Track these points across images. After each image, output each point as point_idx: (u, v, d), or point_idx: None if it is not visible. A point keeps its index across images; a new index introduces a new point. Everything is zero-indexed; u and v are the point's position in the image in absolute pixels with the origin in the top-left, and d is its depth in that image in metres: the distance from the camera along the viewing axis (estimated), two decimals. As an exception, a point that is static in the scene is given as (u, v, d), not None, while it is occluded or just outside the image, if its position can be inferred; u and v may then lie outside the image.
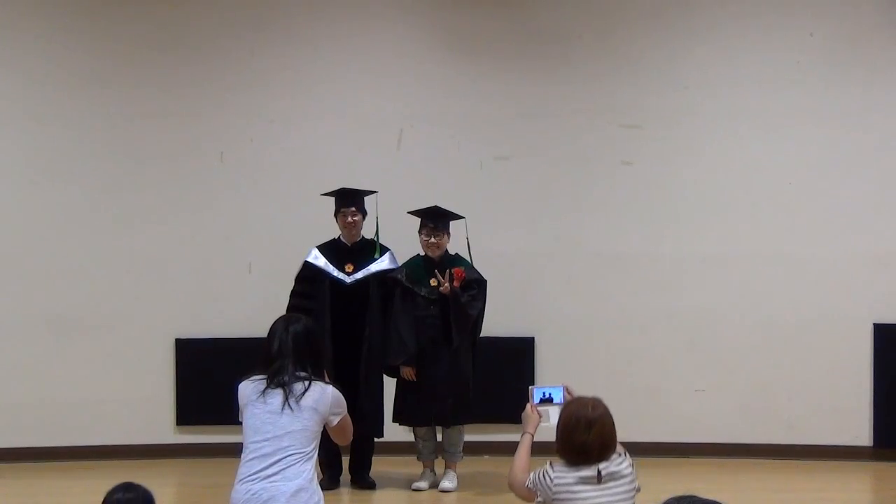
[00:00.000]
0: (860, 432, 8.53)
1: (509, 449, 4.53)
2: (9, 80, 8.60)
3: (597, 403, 4.12)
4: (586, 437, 4.02)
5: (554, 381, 8.04)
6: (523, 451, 4.40)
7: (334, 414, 4.50)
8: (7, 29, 8.61)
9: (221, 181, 8.69)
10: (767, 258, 8.61)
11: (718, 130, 8.68)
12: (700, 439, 8.59)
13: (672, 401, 8.63)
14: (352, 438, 4.80)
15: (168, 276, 8.66)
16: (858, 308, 8.52)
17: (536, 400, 4.64)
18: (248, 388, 4.48)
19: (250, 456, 4.38)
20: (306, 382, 4.44)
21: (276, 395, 4.41)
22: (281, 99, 8.74)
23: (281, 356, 4.48)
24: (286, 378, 4.43)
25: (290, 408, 4.38)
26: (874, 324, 8.52)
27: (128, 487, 3.63)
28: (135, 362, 8.56)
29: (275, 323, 4.64)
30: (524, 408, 4.59)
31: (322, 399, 4.45)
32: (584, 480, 4.01)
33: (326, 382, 4.54)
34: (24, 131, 8.59)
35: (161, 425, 8.61)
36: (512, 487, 4.35)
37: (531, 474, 4.17)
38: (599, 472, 4.01)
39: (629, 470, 4.08)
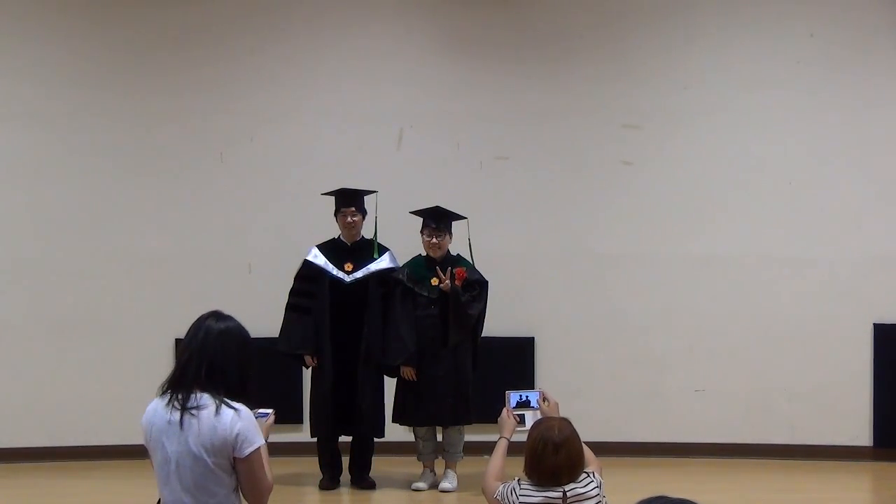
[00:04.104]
0: (860, 432, 8.54)
1: (509, 449, 4.52)
2: (7, 80, 8.59)
3: (563, 425, 4.11)
4: (555, 460, 4.02)
5: (554, 381, 8.18)
6: (498, 456, 4.41)
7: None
8: (7, 30, 8.60)
9: (221, 181, 8.69)
10: (767, 258, 8.61)
11: (718, 130, 8.68)
12: (700, 439, 8.59)
13: (672, 401, 8.63)
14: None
15: (168, 276, 8.65)
16: (858, 308, 8.52)
17: (513, 404, 4.63)
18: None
19: None
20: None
21: None
22: (281, 99, 8.74)
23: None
24: None
25: None
26: (874, 324, 8.52)
27: (220, 317, 3.71)
28: (135, 362, 8.53)
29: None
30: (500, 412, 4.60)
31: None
32: (549, 501, 4.02)
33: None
34: (23, 132, 8.57)
35: (161, 425, 8.59)
36: (484, 493, 4.37)
37: (500, 487, 4.19)
38: (565, 494, 4.02)
39: (596, 491, 4.09)
